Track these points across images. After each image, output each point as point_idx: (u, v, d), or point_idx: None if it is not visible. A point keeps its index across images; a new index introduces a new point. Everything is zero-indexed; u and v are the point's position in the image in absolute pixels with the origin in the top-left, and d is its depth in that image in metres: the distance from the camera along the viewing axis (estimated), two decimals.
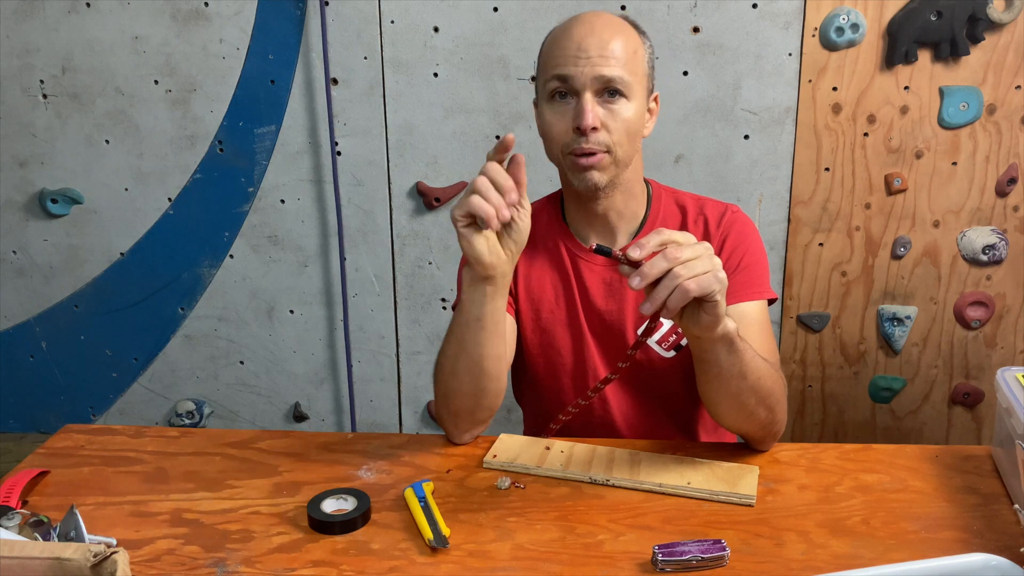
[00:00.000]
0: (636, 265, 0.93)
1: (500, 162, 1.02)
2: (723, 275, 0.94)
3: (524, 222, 1.06)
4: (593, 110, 1.12)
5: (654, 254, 0.93)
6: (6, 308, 2.43)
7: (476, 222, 1.02)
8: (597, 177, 1.15)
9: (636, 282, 0.92)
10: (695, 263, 0.92)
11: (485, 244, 1.03)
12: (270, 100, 2.18)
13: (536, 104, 1.22)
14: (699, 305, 0.95)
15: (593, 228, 1.25)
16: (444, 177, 2.20)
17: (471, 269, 1.06)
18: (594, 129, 1.12)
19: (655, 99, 1.22)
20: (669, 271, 0.91)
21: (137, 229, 2.32)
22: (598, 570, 0.93)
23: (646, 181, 1.28)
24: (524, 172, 1.03)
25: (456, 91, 2.14)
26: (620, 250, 0.95)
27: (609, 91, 1.13)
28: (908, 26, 1.97)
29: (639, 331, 1.22)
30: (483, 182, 1.00)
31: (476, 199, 0.99)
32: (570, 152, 1.15)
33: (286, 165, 2.23)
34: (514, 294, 1.27)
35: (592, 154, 1.13)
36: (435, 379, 1.19)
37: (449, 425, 1.19)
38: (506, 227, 1.05)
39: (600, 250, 0.97)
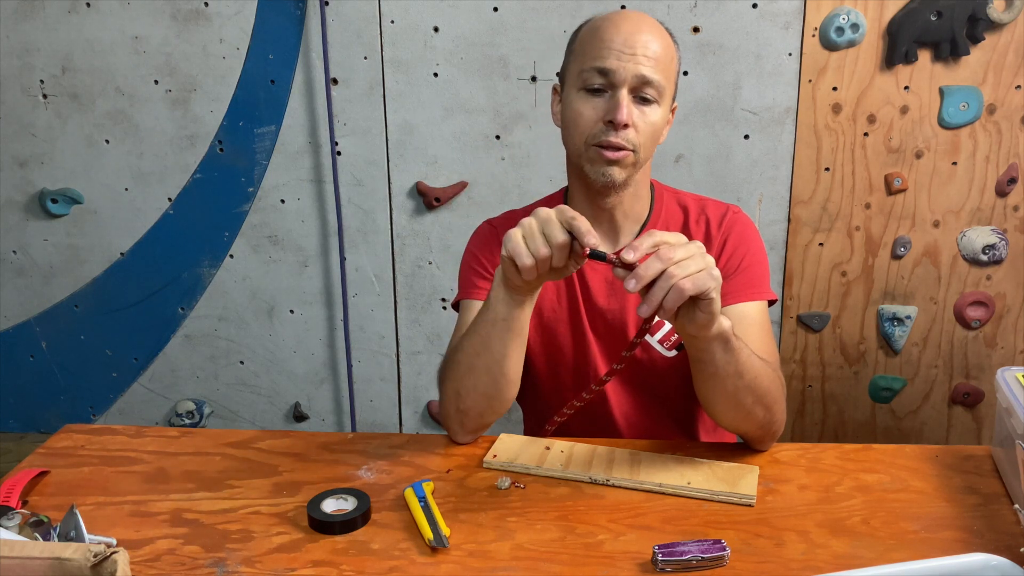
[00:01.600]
0: (631, 268, 0.93)
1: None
2: (717, 272, 0.94)
3: (568, 271, 1.03)
4: (628, 107, 1.12)
5: (648, 256, 0.93)
6: (6, 308, 2.43)
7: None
8: (617, 173, 1.16)
9: (632, 284, 0.92)
10: (688, 262, 0.92)
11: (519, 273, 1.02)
12: (270, 100, 2.18)
13: (557, 91, 1.22)
14: (694, 304, 0.95)
15: (599, 225, 1.25)
16: (444, 177, 2.20)
17: (506, 278, 1.05)
18: (625, 126, 1.12)
19: (673, 109, 1.22)
20: (664, 272, 0.92)
21: (137, 229, 2.32)
22: (598, 570, 0.93)
23: (650, 182, 1.28)
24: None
25: (456, 91, 2.14)
26: (614, 254, 0.95)
27: (644, 92, 1.13)
28: (908, 26, 1.97)
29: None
30: (542, 249, 0.97)
31: (527, 260, 0.97)
32: (595, 143, 1.15)
33: (286, 165, 2.23)
34: None
35: (619, 148, 1.14)
36: (446, 376, 1.18)
37: (454, 424, 1.18)
38: (555, 271, 1.02)
39: (594, 255, 0.97)
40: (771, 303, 1.24)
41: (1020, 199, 2.09)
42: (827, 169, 2.10)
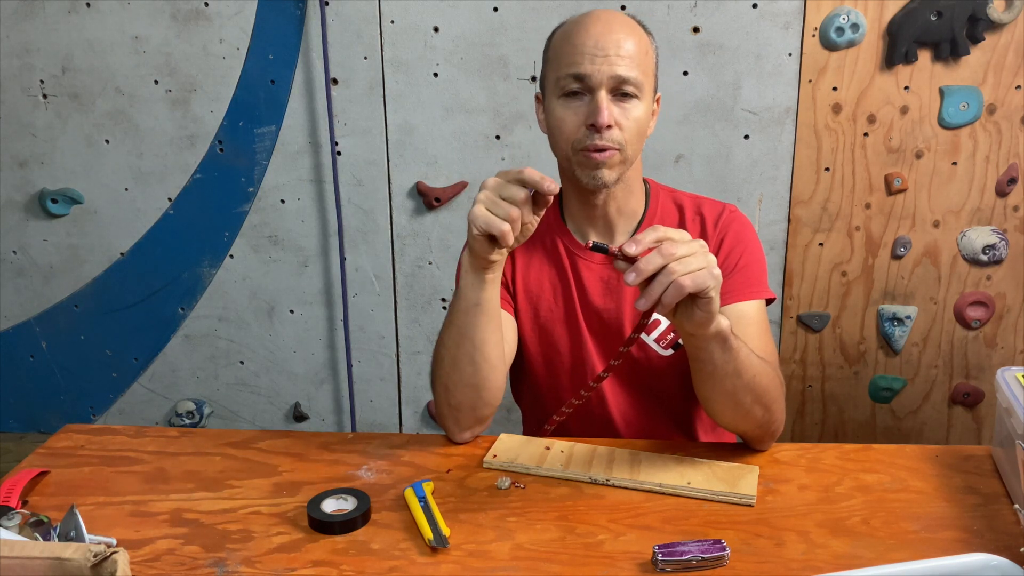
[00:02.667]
0: (632, 261, 0.93)
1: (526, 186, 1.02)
2: (718, 272, 0.95)
3: (534, 225, 1.08)
4: (608, 108, 1.12)
5: (650, 250, 0.93)
6: (6, 308, 2.43)
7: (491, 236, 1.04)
8: (606, 175, 1.16)
9: (632, 278, 0.92)
10: (690, 259, 0.92)
11: (496, 245, 1.06)
12: (270, 100, 2.18)
13: (540, 99, 1.22)
14: (693, 302, 0.95)
15: (593, 225, 1.25)
16: (444, 177, 2.20)
17: (474, 258, 1.08)
18: (608, 127, 1.12)
19: (657, 100, 1.22)
20: (664, 267, 0.92)
21: (137, 229, 2.32)
22: (598, 570, 0.93)
23: (644, 180, 1.28)
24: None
25: (456, 91, 2.14)
26: (616, 247, 0.95)
27: (622, 90, 1.13)
28: (908, 26, 1.97)
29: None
30: (511, 210, 1.01)
31: (503, 226, 1.01)
32: (581, 148, 1.15)
33: (286, 165, 2.23)
34: (512, 292, 1.27)
35: (604, 150, 1.14)
36: (434, 374, 1.19)
37: (450, 422, 1.19)
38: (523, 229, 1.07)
39: (597, 247, 0.97)
40: (769, 302, 1.24)
41: (1020, 199, 2.09)
42: (827, 169, 2.10)
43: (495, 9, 2.06)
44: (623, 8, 2.02)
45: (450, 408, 1.17)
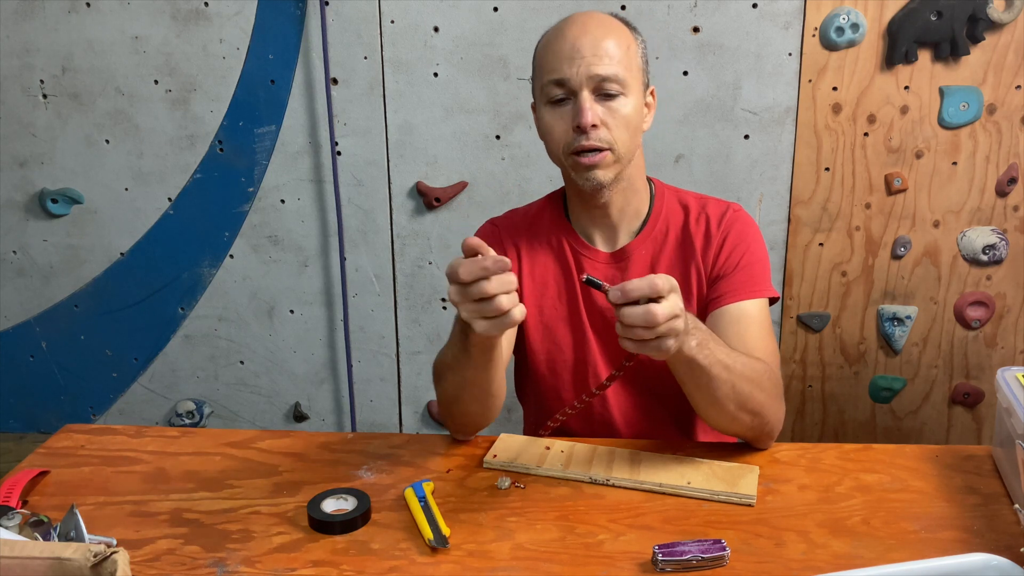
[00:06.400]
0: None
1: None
2: (680, 338, 0.96)
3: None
4: (592, 108, 1.13)
5: (634, 301, 0.93)
6: (6, 308, 2.43)
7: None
8: (601, 175, 1.16)
9: (619, 328, 0.95)
10: (663, 341, 0.94)
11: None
12: (270, 100, 2.18)
13: (534, 107, 1.23)
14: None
15: (596, 225, 1.25)
16: (444, 177, 2.20)
17: (491, 338, 1.04)
18: (594, 126, 1.13)
19: (651, 93, 1.23)
20: (641, 326, 0.93)
21: (137, 229, 2.32)
22: (598, 570, 0.93)
23: (649, 180, 1.28)
24: None
25: (456, 91, 2.13)
26: (607, 285, 0.97)
27: (605, 89, 1.13)
28: (908, 26, 1.97)
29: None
30: (502, 302, 0.95)
31: (514, 319, 0.96)
32: (572, 152, 1.15)
33: (286, 165, 2.23)
34: (518, 290, 1.27)
35: (594, 151, 1.14)
36: (436, 392, 1.21)
37: (452, 428, 1.23)
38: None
39: (590, 282, 0.99)
40: (773, 301, 1.24)
41: (1020, 199, 2.09)
42: (827, 169, 2.10)
43: (495, 9, 2.06)
44: (623, 8, 2.02)
45: (452, 421, 1.21)
